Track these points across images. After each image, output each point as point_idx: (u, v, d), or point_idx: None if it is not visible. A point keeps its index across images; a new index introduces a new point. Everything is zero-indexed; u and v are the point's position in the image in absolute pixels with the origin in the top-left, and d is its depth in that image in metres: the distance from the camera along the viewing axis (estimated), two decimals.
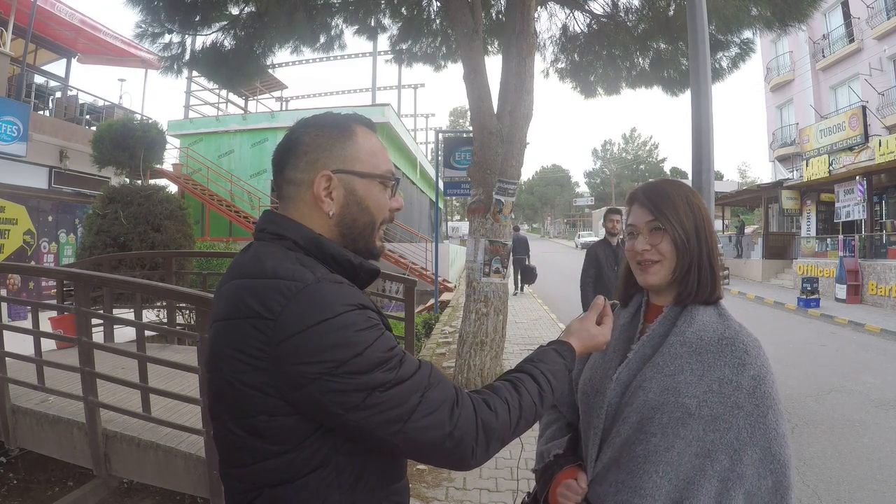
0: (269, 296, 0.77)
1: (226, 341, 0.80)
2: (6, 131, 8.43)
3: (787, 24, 5.68)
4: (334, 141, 0.89)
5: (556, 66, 7.41)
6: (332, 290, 0.78)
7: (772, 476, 0.90)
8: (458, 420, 0.80)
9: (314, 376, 0.74)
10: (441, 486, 3.20)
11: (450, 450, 0.79)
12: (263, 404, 0.77)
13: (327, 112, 0.96)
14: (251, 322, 0.77)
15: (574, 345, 1.02)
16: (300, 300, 0.76)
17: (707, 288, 1.01)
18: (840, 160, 14.70)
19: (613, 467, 1.00)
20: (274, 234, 0.87)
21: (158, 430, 2.91)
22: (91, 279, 3.25)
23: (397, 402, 0.77)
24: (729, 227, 24.24)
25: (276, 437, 0.78)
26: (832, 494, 3.45)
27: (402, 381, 0.78)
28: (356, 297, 0.80)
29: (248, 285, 0.80)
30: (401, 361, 0.80)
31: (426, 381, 0.81)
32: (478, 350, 5.06)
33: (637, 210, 1.06)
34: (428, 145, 25.31)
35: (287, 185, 0.90)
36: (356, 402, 0.75)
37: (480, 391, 0.88)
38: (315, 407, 0.76)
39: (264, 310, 0.76)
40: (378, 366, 0.77)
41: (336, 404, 0.75)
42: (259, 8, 5.63)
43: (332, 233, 0.89)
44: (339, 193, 0.88)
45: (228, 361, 0.79)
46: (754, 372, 0.93)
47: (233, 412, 0.81)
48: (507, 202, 5.09)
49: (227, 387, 0.80)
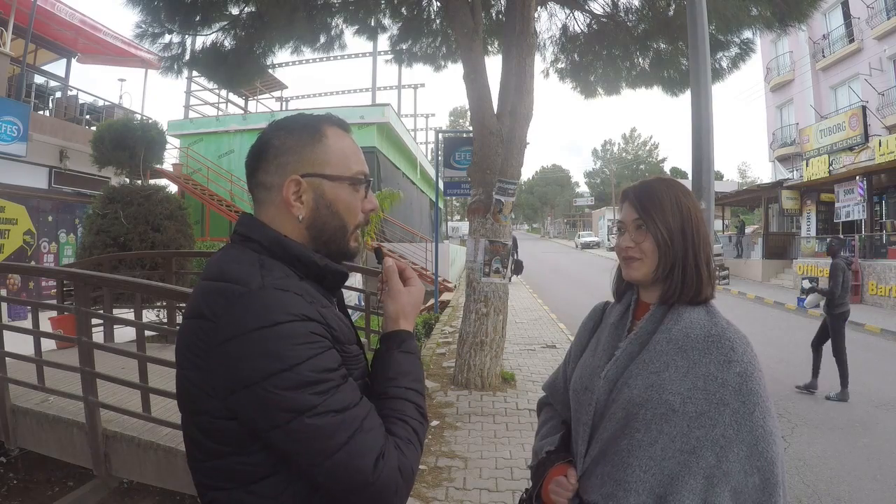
0: (213, 299, 0.78)
1: (182, 339, 0.82)
2: (6, 131, 8.43)
3: (787, 24, 5.68)
4: (304, 144, 0.88)
5: (556, 66, 7.41)
6: (274, 298, 0.76)
7: (759, 473, 0.90)
8: (382, 472, 0.77)
9: (245, 383, 0.73)
10: (441, 486, 3.19)
11: (370, 498, 0.77)
12: (206, 404, 0.78)
13: (299, 113, 0.94)
14: (198, 323, 0.78)
15: (408, 326, 0.96)
16: (240, 305, 0.75)
17: (692, 288, 1.01)
18: (840, 160, 14.71)
19: (600, 461, 1.01)
20: (242, 236, 0.87)
21: (158, 430, 2.91)
22: (91, 279, 3.25)
23: (322, 435, 0.74)
24: (729, 227, 24.25)
25: (221, 438, 0.78)
26: (832, 494, 3.45)
27: (330, 411, 0.74)
28: (301, 307, 0.77)
29: (203, 287, 0.82)
30: (336, 388, 0.76)
31: (358, 423, 0.77)
32: (478, 350, 5.06)
33: (626, 207, 1.08)
34: (428, 145, 25.33)
35: (258, 188, 0.90)
36: (279, 421, 0.73)
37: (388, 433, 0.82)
38: (246, 415, 0.75)
39: (209, 312, 0.77)
40: (307, 385, 0.73)
41: (262, 418, 0.74)
42: (259, 8, 5.63)
43: (303, 236, 0.88)
44: (308, 197, 0.87)
45: (181, 359, 0.81)
46: (741, 369, 0.93)
47: (187, 408, 0.82)
48: (507, 202, 5.09)
49: (183, 382, 0.82)
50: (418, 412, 0.88)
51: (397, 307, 0.95)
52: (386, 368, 0.90)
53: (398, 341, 0.93)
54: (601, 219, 44.76)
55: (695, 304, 1.02)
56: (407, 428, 0.85)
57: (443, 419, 4.27)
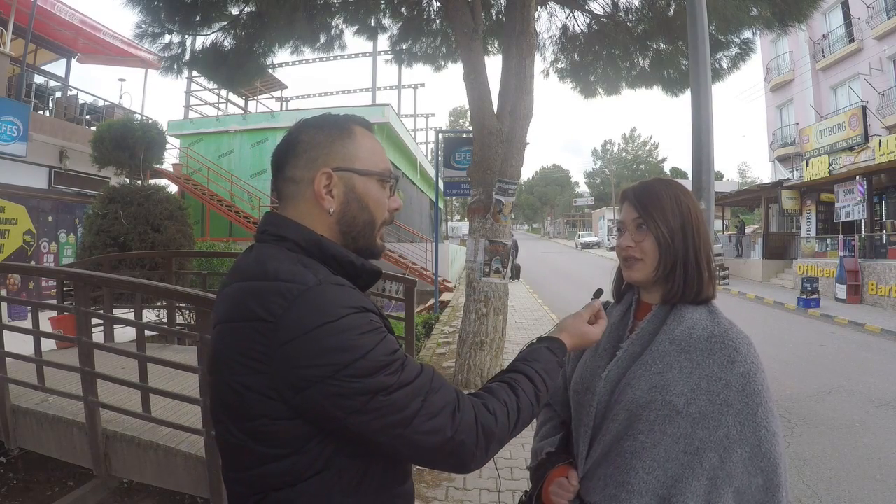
0: (270, 299, 0.76)
1: (227, 344, 0.80)
2: (6, 131, 8.43)
3: (787, 24, 5.68)
4: (334, 139, 0.89)
5: (556, 66, 7.41)
6: (333, 293, 0.78)
7: (762, 474, 0.90)
8: (460, 424, 0.79)
9: (316, 380, 0.74)
10: (441, 486, 3.20)
11: (451, 454, 0.80)
12: (265, 408, 0.77)
13: (326, 113, 0.96)
14: (252, 325, 0.77)
15: (566, 341, 1.01)
16: (301, 303, 0.75)
17: (693, 287, 1.01)
18: (840, 160, 14.70)
19: (602, 463, 1.00)
20: (276, 236, 0.87)
21: (158, 430, 2.91)
22: (91, 279, 3.25)
23: (399, 406, 0.76)
24: (729, 227, 24.25)
25: (277, 441, 0.78)
26: (832, 494, 3.45)
27: (404, 385, 0.78)
28: (358, 299, 0.80)
29: (249, 288, 0.80)
30: (403, 365, 0.79)
31: (428, 385, 0.80)
32: (478, 350, 5.07)
33: (626, 207, 1.08)
34: (428, 145, 25.30)
35: (287, 183, 0.90)
36: (358, 405, 0.75)
37: (479, 394, 0.88)
38: (316, 411, 0.76)
39: (265, 313, 0.76)
40: (381, 369, 0.76)
41: (338, 408, 0.75)
42: (259, 8, 5.63)
43: (333, 230, 0.89)
44: (339, 191, 0.88)
45: (230, 364, 0.79)
46: (744, 369, 0.93)
47: (234, 415, 0.80)
48: (507, 202, 5.09)
49: (229, 390, 0.79)
50: (534, 393, 0.91)
51: (571, 326, 1.04)
52: (527, 353, 0.98)
53: (551, 342, 1.00)
54: (601, 219, 44.75)
55: (696, 304, 1.02)
56: (510, 396, 0.88)
57: None
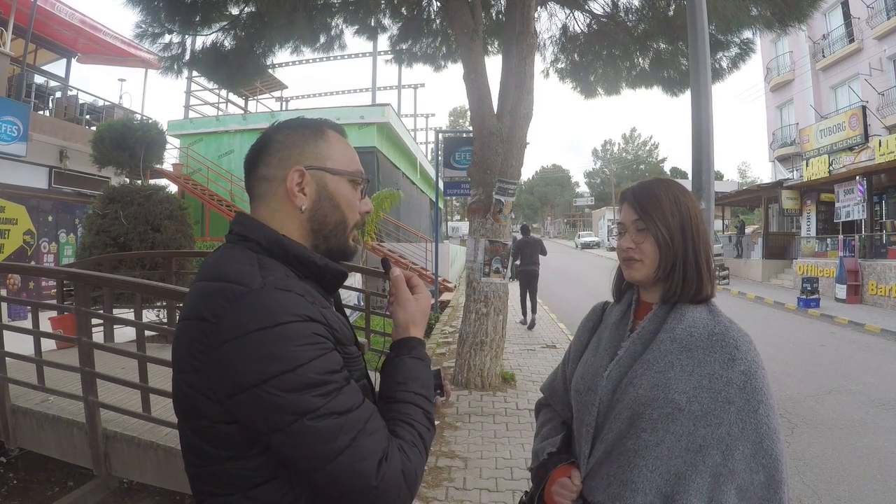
0: (214, 300, 0.76)
1: (179, 342, 0.80)
2: (6, 131, 8.43)
3: (787, 24, 5.68)
4: (307, 139, 0.90)
5: (556, 66, 7.41)
6: (276, 298, 0.75)
7: (764, 471, 0.90)
8: (385, 474, 0.75)
9: (245, 386, 0.72)
10: (441, 486, 3.19)
11: (372, 502, 0.75)
12: (206, 409, 0.76)
13: (300, 116, 0.96)
14: (197, 325, 0.76)
15: (419, 333, 0.96)
16: (242, 305, 0.74)
17: (693, 286, 1.02)
18: (840, 160, 14.70)
19: (605, 461, 1.01)
20: (239, 236, 0.87)
21: (158, 430, 2.91)
22: (91, 279, 3.25)
23: (325, 437, 0.72)
24: (729, 227, 24.24)
25: (220, 443, 0.77)
26: (832, 494, 3.45)
27: (334, 413, 0.73)
28: (303, 307, 0.76)
29: (203, 288, 0.80)
30: (339, 390, 0.75)
31: (362, 424, 0.76)
32: (478, 350, 5.07)
33: (626, 209, 1.09)
34: (428, 145, 25.32)
35: (259, 182, 0.90)
36: (281, 424, 0.72)
37: (392, 438, 0.81)
38: (245, 418, 0.74)
39: (209, 313, 0.75)
40: (310, 387, 0.72)
41: (263, 421, 0.73)
42: (259, 8, 5.63)
43: (304, 229, 0.89)
44: (311, 189, 0.88)
45: (179, 362, 0.79)
46: (745, 367, 0.93)
47: (184, 413, 0.81)
48: (507, 202, 5.09)
49: (178, 388, 0.80)
50: (426, 417, 0.87)
51: (407, 315, 0.95)
52: (395, 373, 0.90)
53: (408, 347, 0.94)
54: (601, 219, 44.76)
55: (696, 302, 1.03)
56: (413, 432, 0.84)
57: (443, 419, 4.26)
